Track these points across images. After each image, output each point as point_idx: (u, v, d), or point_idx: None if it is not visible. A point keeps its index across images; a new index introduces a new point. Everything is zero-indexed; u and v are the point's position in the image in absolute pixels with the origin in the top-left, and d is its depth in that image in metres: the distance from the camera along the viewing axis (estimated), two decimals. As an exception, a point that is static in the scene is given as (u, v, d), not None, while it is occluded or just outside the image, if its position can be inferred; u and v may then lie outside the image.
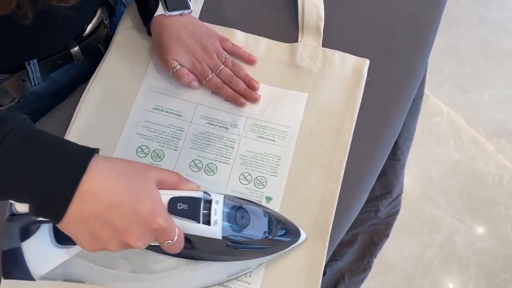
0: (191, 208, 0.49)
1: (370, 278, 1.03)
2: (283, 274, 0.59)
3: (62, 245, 0.50)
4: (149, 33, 0.71)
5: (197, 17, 0.75)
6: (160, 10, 0.67)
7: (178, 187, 0.50)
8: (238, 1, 0.78)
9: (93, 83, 0.69)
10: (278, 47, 0.73)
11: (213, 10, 0.76)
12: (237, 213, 0.52)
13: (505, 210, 1.47)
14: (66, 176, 0.42)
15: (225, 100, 0.69)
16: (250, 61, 0.71)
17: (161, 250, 0.49)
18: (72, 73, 0.73)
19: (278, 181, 0.64)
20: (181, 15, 0.68)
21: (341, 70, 0.71)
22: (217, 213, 0.50)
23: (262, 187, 0.64)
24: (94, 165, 0.43)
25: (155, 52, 0.70)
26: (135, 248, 0.45)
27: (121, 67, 0.71)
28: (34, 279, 0.51)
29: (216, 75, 0.68)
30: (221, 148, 0.66)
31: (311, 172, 0.64)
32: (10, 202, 0.47)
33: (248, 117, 0.68)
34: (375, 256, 1.02)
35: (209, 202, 0.51)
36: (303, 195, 0.63)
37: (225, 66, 0.69)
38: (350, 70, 0.71)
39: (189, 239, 0.51)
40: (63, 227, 0.44)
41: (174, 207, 0.48)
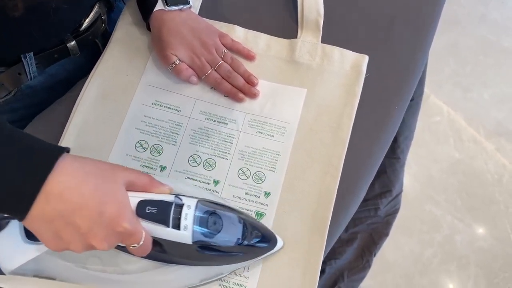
0: (160, 211, 0.48)
1: (369, 276, 1.03)
2: (280, 269, 0.59)
3: (32, 242, 0.49)
4: (148, 28, 0.71)
5: (197, 12, 0.75)
6: (159, 5, 0.67)
7: (149, 190, 0.49)
8: (237, -3, 0.78)
9: (92, 78, 0.69)
10: (277, 43, 0.73)
11: (212, 5, 0.76)
12: (210, 218, 0.51)
13: (504, 209, 1.47)
14: (32, 174, 0.41)
15: (224, 96, 0.69)
16: (249, 56, 0.71)
17: None
18: (69, 68, 0.73)
19: (277, 177, 0.64)
20: (180, 10, 0.68)
21: (340, 66, 0.71)
22: (187, 217, 0.49)
23: (261, 182, 0.64)
24: (62, 164, 0.42)
25: (154, 47, 0.70)
26: (99, 250, 0.45)
27: (120, 63, 0.71)
28: (4, 274, 0.50)
29: (215, 70, 0.68)
30: (220, 143, 0.66)
31: (309, 168, 0.64)
32: None
33: (247, 112, 0.68)
34: (375, 255, 1.02)
35: (180, 206, 0.50)
36: (301, 190, 0.63)
37: (224, 61, 0.69)
38: (349, 66, 0.71)
39: (159, 243, 0.50)
40: (27, 225, 0.44)
41: (143, 210, 0.48)
